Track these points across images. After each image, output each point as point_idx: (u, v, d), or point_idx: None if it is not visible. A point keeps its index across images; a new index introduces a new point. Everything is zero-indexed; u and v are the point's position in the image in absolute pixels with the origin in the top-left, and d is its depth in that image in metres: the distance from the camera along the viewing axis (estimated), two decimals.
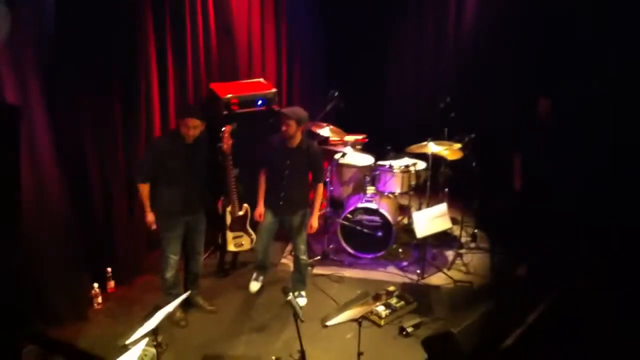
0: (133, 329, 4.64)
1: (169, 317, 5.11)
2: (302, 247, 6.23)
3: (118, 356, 4.48)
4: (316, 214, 6.12)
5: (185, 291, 5.70)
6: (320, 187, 6.13)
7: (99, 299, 6.21)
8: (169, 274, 5.81)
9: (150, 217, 5.66)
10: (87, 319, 6.00)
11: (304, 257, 6.27)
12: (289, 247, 7.16)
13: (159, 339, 4.83)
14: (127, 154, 6.31)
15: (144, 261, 6.74)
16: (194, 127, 5.44)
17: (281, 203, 6.04)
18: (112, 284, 6.41)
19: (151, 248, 6.67)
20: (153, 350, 4.97)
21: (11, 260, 1.64)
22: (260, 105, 6.99)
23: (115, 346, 5.24)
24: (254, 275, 6.56)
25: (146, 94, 6.36)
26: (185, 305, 5.99)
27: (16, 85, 5.19)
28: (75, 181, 5.88)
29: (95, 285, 6.15)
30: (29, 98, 5.32)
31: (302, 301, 6.33)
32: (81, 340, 5.65)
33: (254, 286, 6.52)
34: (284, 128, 5.80)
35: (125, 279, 6.52)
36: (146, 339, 4.75)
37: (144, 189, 5.59)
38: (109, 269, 6.34)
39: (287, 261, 7.03)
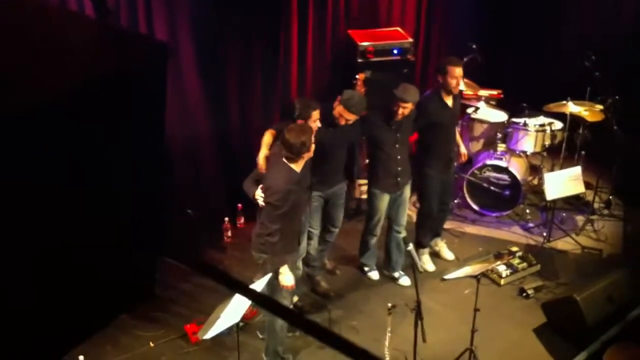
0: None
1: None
2: (404, 222, 5.99)
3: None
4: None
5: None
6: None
7: (229, 233, 6.52)
8: (310, 247, 5.64)
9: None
10: (217, 249, 6.41)
11: (405, 233, 5.95)
12: (413, 199, 7.11)
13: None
14: (265, 92, 6.47)
15: None
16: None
17: (399, 179, 5.76)
18: (242, 219, 6.66)
19: None
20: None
21: (163, 192, 1.79)
22: (396, 54, 6.93)
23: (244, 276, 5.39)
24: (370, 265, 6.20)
25: (285, 34, 6.49)
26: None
27: (167, 22, 5.53)
28: (217, 115, 6.21)
29: (226, 219, 6.46)
30: (178, 35, 5.64)
31: (405, 281, 6.00)
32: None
33: (374, 275, 6.20)
34: (405, 112, 5.44)
35: (255, 217, 6.75)
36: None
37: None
38: (240, 205, 6.58)
39: (411, 212, 6.95)
